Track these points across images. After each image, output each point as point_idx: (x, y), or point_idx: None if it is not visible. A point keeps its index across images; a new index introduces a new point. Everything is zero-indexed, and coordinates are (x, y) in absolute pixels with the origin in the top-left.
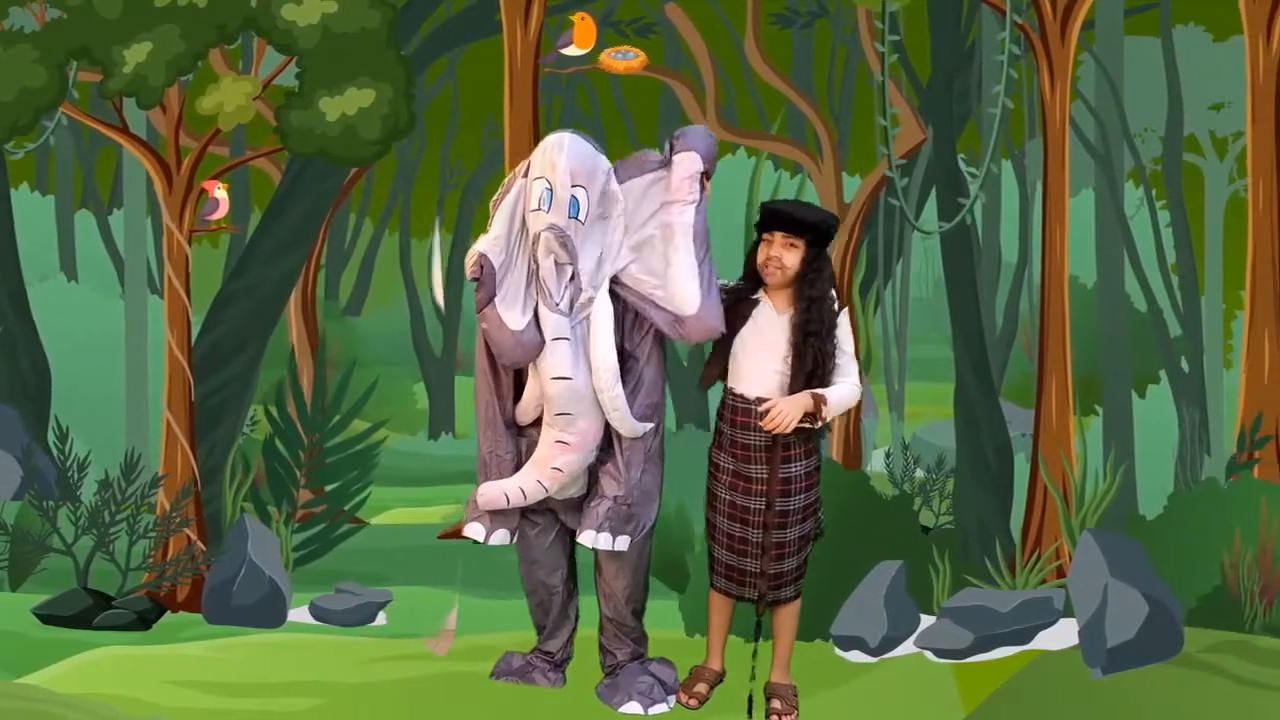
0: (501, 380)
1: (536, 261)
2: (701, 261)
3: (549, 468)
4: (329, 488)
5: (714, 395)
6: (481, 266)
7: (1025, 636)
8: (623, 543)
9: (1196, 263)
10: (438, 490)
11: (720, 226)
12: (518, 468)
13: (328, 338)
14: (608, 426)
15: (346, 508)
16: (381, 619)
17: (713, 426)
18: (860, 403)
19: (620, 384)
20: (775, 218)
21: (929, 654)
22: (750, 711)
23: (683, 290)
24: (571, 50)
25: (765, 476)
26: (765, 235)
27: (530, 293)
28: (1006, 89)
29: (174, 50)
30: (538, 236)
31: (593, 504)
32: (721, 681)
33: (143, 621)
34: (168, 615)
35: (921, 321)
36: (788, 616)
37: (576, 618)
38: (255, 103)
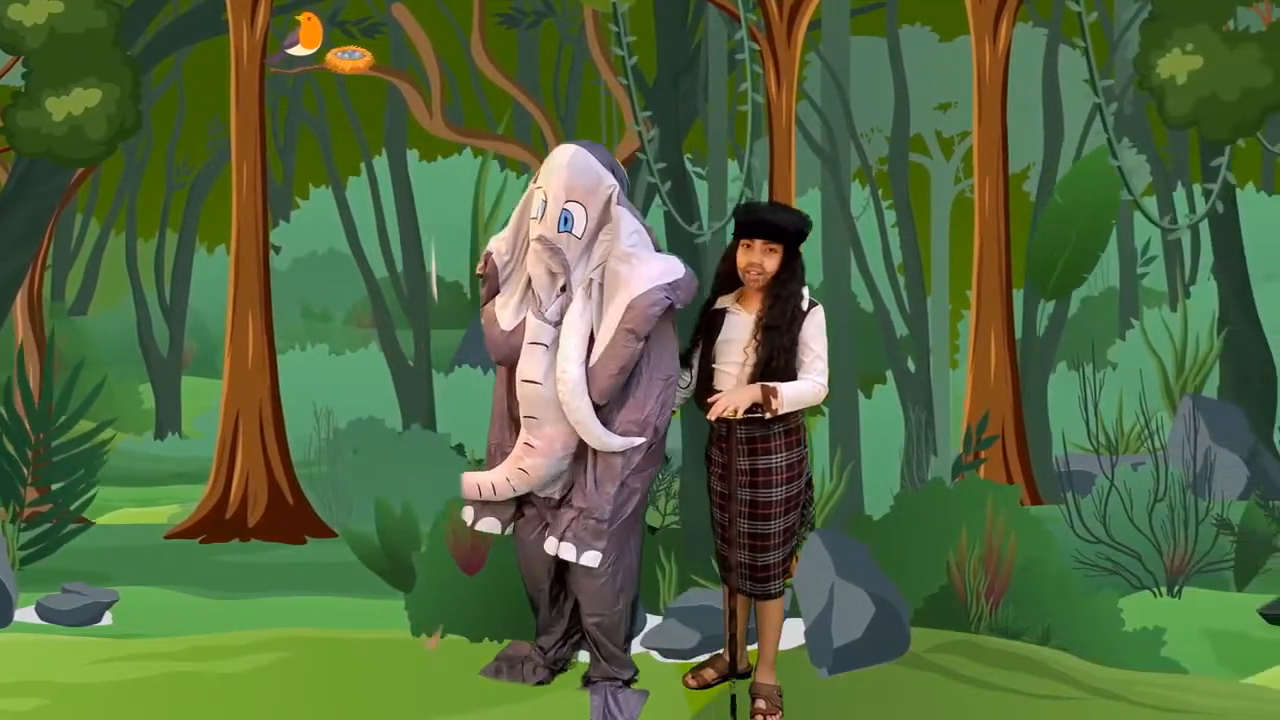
0: (513, 375)
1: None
2: (627, 343)
3: (516, 467)
4: (55, 486)
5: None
6: (486, 263)
7: (752, 637)
8: (591, 558)
9: (923, 263)
10: (164, 490)
11: (444, 226)
12: None
13: (54, 338)
14: None
15: (73, 506)
16: (108, 619)
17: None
18: None
19: (585, 397)
20: (756, 225)
21: (655, 654)
22: (734, 711)
23: (597, 341)
24: (298, 50)
25: (743, 467)
26: (745, 241)
27: (526, 296)
28: (753, 85)
29: None
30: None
31: (562, 511)
32: (738, 675)
33: None
34: None
35: None
36: (772, 614)
37: (571, 619)
38: None
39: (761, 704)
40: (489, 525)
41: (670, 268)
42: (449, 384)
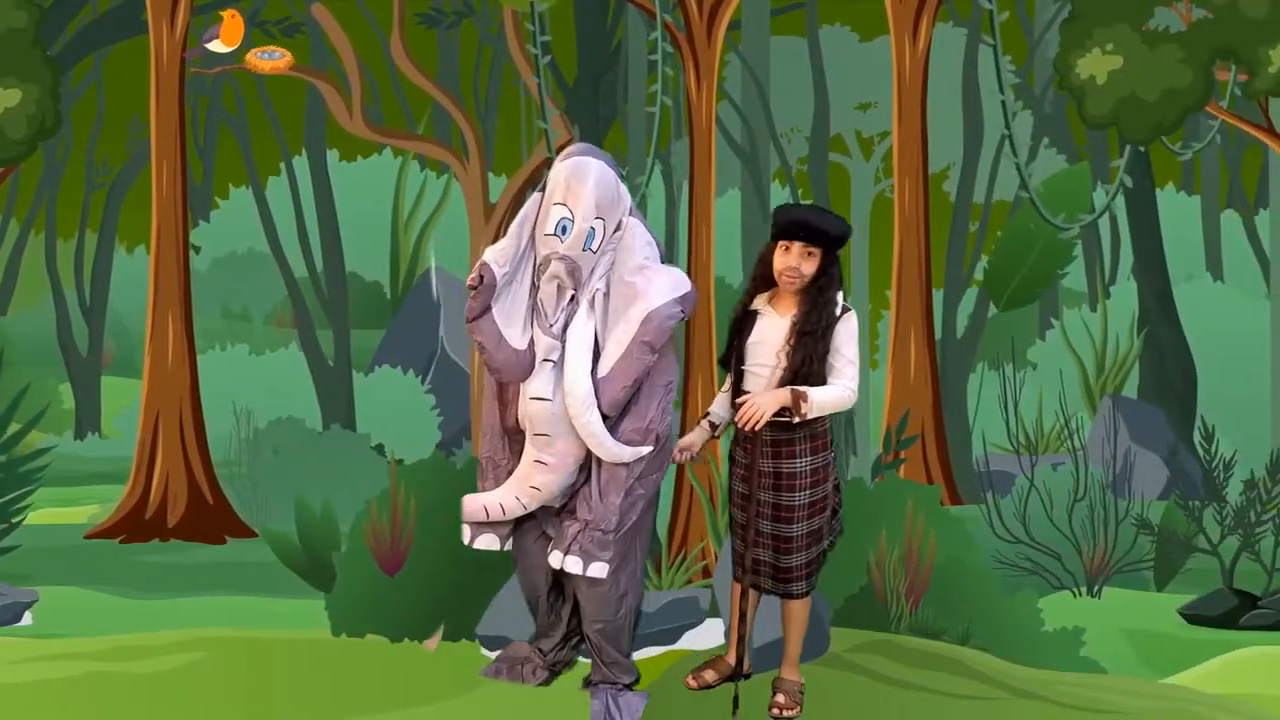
0: (506, 387)
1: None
2: (642, 355)
3: (527, 486)
4: None
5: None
6: (482, 276)
7: (672, 636)
8: (598, 569)
9: (842, 263)
10: (84, 490)
11: (364, 227)
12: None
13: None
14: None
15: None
16: (28, 619)
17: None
18: None
19: (594, 410)
20: (796, 227)
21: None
22: (736, 709)
23: (607, 352)
24: (217, 45)
25: (766, 470)
26: (784, 242)
27: (532, 312)
28: (664, 88)
29: None
30: (546, 260)
31: (565, 523)
32: (737, 676)
33: None
34: None
35: None
36: (797, 613)
37: (571, 622)
38: None
39: (781, 698)
40: (488, 543)
41: (680, 281)
42: (369, 384)
